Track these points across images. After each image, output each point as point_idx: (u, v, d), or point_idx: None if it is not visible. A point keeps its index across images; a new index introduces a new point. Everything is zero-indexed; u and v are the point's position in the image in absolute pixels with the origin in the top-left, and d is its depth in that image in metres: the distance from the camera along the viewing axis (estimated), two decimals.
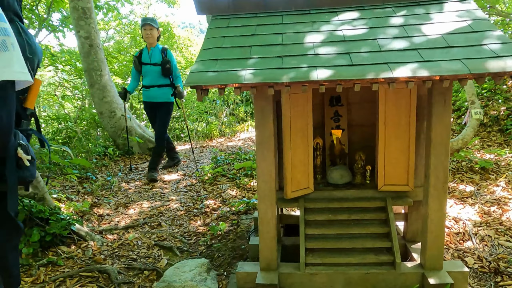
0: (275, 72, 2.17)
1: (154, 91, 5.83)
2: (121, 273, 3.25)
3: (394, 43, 2.33)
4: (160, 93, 5.83)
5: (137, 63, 5.80)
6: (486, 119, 6.23)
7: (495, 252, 3.11)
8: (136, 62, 5.80)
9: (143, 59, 5.81)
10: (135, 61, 5.81)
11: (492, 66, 2.02)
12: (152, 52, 5.78)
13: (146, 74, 5.83)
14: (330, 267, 2.68)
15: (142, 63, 5.82)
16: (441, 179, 2.47)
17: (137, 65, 5.81)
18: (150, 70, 5.78)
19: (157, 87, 5.81)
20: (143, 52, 5.86)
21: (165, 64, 5.65)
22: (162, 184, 5.89)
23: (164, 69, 5.66)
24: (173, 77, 5.83)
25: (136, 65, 5.81)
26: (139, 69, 5.83)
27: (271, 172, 2.54)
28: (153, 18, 5.86)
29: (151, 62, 5.75)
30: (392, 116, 2.73)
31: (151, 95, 5.87)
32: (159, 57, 5.74)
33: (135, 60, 5.81)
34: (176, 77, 5.86)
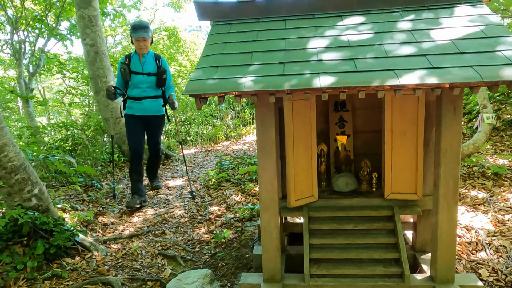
0: (276, 79, 2.10)
1: (147, 104, 5.07)
2: (125, 284, 3.19)
3: (401, 49, 2.24)
4: (154, 106, 5.14)
5: (126, 71, 4.94)
6: (499, 123, 6.08)
7: (511, 264, 2.99)
8: (126, 70, 4.94)
9: (134, 67, 4.99)
10: (124, 69, 4.93)
11: (507, 74, 1.92)
12: (145, 60, 5.02)
13: (137, 84, 5.00)
14: (336, 279, 2.58)
15: (132, 72, 4.98)
16: (451, 189, 2.37)
17: (126, 74, 4.95)
18: (142, 80, 4.99)
19: (151, 99, 5.08)
20: (133, 59, 5.01)
21: (162, 75, 5.03)
22: (166, 190, 5.84)
23: (160, 79, 5.05)
24: (166, 87, 5.22)
25: (126, 73, 4.94)
26: (128, 78, 4.97)
27: (273, 181, 2.46)
28: (147, 24, 5.05)
29: (144, 72, 4.99)
30: (398, 123, 2.63)
31: (144, 108, 5.07)
32: (154, 66, 5.03)
33: (124, 68, 4.93)
34: (169, 86, 5.23)
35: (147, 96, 5.05)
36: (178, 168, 7.28)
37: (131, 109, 5.08)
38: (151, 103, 5.09)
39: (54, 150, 5.98)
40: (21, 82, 8.67)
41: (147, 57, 5.03)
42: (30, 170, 3.51)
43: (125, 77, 4.95)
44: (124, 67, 4.95)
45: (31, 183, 3.48)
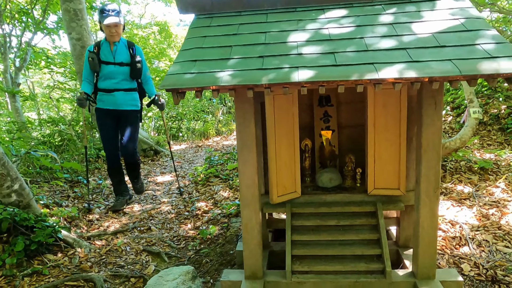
0: (254, 73, 2.06)
1: (119, 97, 4.50)
2: (107, 281, 3.15)
3: (382, 43, 2.21)
4: (127, 99, 4.55)
5: (95, 61, 4.37)
6: (486, 117, 6.09)
7: (492, 258, 2.99)
8: (95, 59, 4.37)
9: (104, 56, 4.42)
10: (93, 59, 4.36)
11: (485, 68, 1.90)
12: (117, 49, 4.44)
13: (108, 75, 4.46)
14: (318, 276, 2.57)
15: (102, 62, 4.43)
16: (432, 185, 2.35)
17: (95, 64, 4.38)
18: (114, 71, 4.44)
19: (123, 92, 4.51)
20: (103, 47, 4.44)
21: (136, 64, 4.45)
22: (154, 186, 5.80)
23: (134, 70, 4.47)
24: (143, 78, 4.66)
25: (94, 63, 4.38)
26: (97, 68, 4.42)
27: (254, 177, 2.43)
28: (117, 8, 4.43)
29: (116, 61, 4.43)
30: (381, 118, 2.61)
31: (115, 102, 4.51)
32: (127, 55, 4.45)
33: (93, 58, 4.36)
34: (146, 79, 4.67)
35: (119, 88, 4.49)
36: (167, 164, 7.24)
37: (102, 102, 4.56)
38: (124, 96, 4.53)
39: (40, 146, 5.88)
40: (7, 76, 8.54)
41: (118, 45, 4.46)
42: (9, 166, 3.45)
43: (93, 67, 4.40)
44: (92, 56, 4.37)
45: (11, 179, 3.42)
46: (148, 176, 6.38)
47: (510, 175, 4.55)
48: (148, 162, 7.20)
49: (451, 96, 7.12)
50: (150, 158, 7.43)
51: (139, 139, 7.42)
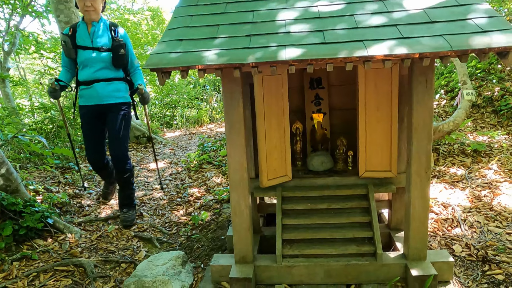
0: (241, 52, 2.00)
1: (100, 89, 3.68)
2: (98, 267, 3.12)
3: (372, 19, 2.15)
4: (110, 91, 3.72)
5: (69, 45, 3.59)
6: (480, 100, 6.06)
7: (483, 239, 2.98)
8: (69, 44, 3.59)
9: (80, 40, 3.64)
10: (67, 43, 3.59)
11: (476, 42, 1.85)
12: (95, 30, 3.66)
13: (86, 63, 3.65)
14: (309, 259, 2.55)
15: (79, 47, 3.64)
16: (424, 165, 2.32)
17: (69, 49, 3.61)
18: (92, 57, 3.63)
19: (105, 82, 3.69)
20: (80, 29, 3.66)
21: (118, 49, 3.63)
22: (147, 172, 5.75)
23: (117, 56, 3.65)
24: (130, 68, 3.84)
25: (69, 48, 3.60)
26: (73, 55, 3.64)
27: (242, 160, 2.39)
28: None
29: (94, 46, 3.63)
30: (372, 99, 2.57)
31: (96, 95, 3.70)
32: (108, 38, 3.67)
33: (67, 41, 3.59)
34: (134, 68, 3.84)
35: (99, 79, 3.67)
36: (160, 150, 7.18)
37: (82, 98, 3.78)
38: (105, 87, 3.70)
39: (30, 132, 5.80)
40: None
41: (97, 26, 3.68)
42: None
43: (68, 53, 3.62)
44: (65, 39, 3.60)
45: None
46: (141, 163, 6.33)
47: (503, 156, 4.54)
48: (141, 149, 7.14)
49: (445, 79, 7.07)
50: (143, 145, 7.37)
51: (132, 125, 7.33)
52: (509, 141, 5.04)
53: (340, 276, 2.51)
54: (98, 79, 3.68)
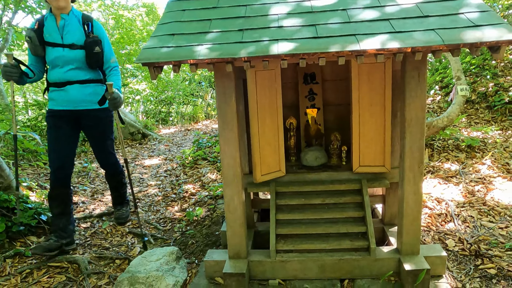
0: (233, 46, 1.99)
1: (74, 92, 3.18)
2: (92, 263, 3.11)
3: (364, 14, 2.15)
4: (87, 95, 3.22)
5: (35, 41, 3.07)
6: (474, 95, 6.08)
7: (476, 233, 3.00)
8: (35, 40, 3.07)
9: (48, 35, 3.12)
10: (32, 39, 3.06)
11: (468, 37, 1.85)
12: (66, 24, 3.13)
13: (56, 62, 3.15)
14: (302, 254, 2.55)
15: (47, 43, 3.13)
16: (417, 160, 2.32)
17: (36, 47, 3.09)
18: (62, 56, 3.12)
19: (80, 85, 3.20)
20: (47, 23, 3.13)
21: (93, 47, 3.13)
22: (142, 169, 5.74)
23: (91, 54, 3.14)
24: (106, 67, 3.30)
25: (35, 45, 3.08)
26: (42, 53, 3.13)
27: (235, 155, 2.38)
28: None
29: (65, 43, 3.12)
30: (366, 93, 2.56)
31: (69, 99, 3.19)
32: (80, 34, 3.15)
33: (32, 37, 3.06)
34: (110, 68, 3.28)
35: (72, 80, 3.17)
36: (155, 147, 7.16)
37: (52, 101, 3.23)
38: (80, 91, 3.20)
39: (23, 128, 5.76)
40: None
41: (68, 19, 3.15)
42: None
43: (35, 51, 3.10)
44: (30, 35, 3.06)
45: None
46: (136, 159, 6.31)
47: (496, 151, 4.56)
48: (136, 145, 7.12)
49: (440, 75, 7.09)
50: (138, 141, 7.35)
51: (127, 122, 7.30)
52: (503, 136, 5.07)
53: (334, 271, 2.51)
54: (71, 81, 3.16)
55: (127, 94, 10.46)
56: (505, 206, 3.35)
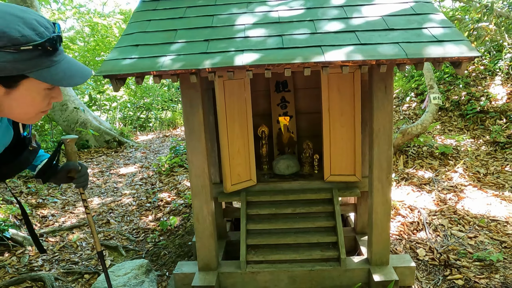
0: (198, 57, 1.96)
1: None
2: (59, 279, 3.00)
3: (331, 25, 2.15)
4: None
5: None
6: (448, 103, 6.19)
7: (446, 243, 3.02)
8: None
9: None
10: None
11: (431, 52, 1.87)
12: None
13: None
14: (273, 265, 2.52)
15: None
16: (385, 170, 2.33)
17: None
18: None
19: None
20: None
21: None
22: (116, 178, 5.62)
23: None
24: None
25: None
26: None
27: (203, 166, 2.34)
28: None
29: None
30: (336, 103, 2.57)
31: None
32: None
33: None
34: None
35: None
36: (131, 155, 7.04)
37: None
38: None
39: None
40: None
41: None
42: None
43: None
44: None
45: None
46: (111, 168, 6.19)
47: (468, 160, 4.63)
48: (111, 153, 6.98)
49: (415, 82, 7.20)
50: (114, 149, 7.21)
51: (102, 130, 7.19)
52: (474, 145, 5.16)
53: (304, 282, 2.49)
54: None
55: (104, 101, 10.29)
56: (474, 216, 3.40)
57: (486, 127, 5.48)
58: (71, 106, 6.72)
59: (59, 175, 1.64)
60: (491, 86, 6.08)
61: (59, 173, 1.64)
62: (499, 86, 5.99)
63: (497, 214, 3.43)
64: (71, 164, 1.65)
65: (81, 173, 1.74)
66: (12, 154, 1.30)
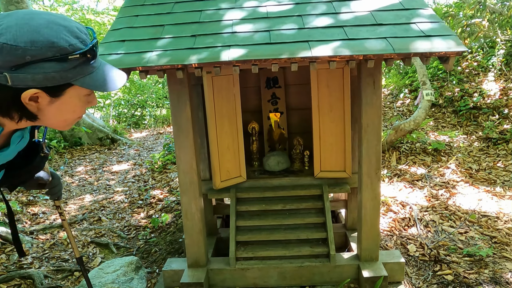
0: (184, 52, 1.94)
1: None
2: (48, 277, 2.98)
3: (319, 20, 2.14)
4: None
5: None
6: (441, 100, 6.19)
7: (437, 238, 3.02)
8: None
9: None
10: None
11: (418, 47, 1.86)
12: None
13: None
14: (263, 261, 2.51)
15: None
16: (374, 166, 2.32)
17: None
18: None
19: None
20: None
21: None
22: (109, 175, 5.60)
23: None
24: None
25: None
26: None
27: (191, 162, 2.33)
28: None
29: None
30: (326, 99, 2.56)
31: None
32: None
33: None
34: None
35: None
36: (125, 152, 7.01)
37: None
38: None
39: None
40: None
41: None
42: None
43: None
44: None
45: None
46: (104, 165, 6.16)
47: (460, 156, 4.64)
48: (104, 151, 6.95)
49: (409, 79, 7.20)
50: (107, 146, 7.17)
51: (95, 128, 7.15)
52: (467, 141, 5.17)
53: (294, 278, 2.49)
54: None
55: (98, 99, 10.24)
56: (465, 211, 3.40)
57: (479, 123, 5.49)
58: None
59: (29, 183, 1.52)
60: (484, 82, 6.09)
61: (28, 181, 1.51)
62: (492, 82, 6.00)
63: (488, 209, 3.44)
64: (42, 175, 1.53)
65: (53, 183, 1.64)
66: (24, 160, 1.24)
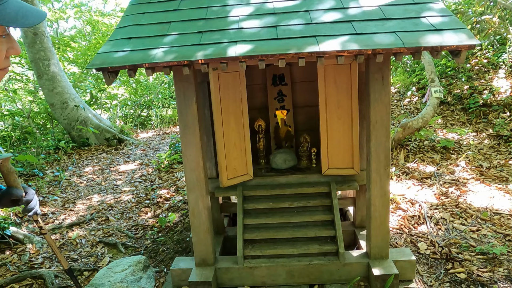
0: (190, 49, 1.93)
1: None
2: (59, 276, 2.99)
3: (327, 15, 2.11)
4: None
5: None
6: (450, 97, 6.12)
7: (448, 236, 2.98)
8: None
9: None
10: None
11: (428, 40, 1.83)
12: None
13: None
14: (271, 260, 2.49)
15: None
16: (383, 162, 2.29)
17: None
18: None
19: None
20: None
21: None
22: (116, 175, 5.61)
23: None
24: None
25: None
26: None
27: (198, 160, 2.31)
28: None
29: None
30: (333, 96, 2.53)
31: None
32: None
33: None
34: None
35: None
36: (131, 152, 7.02)
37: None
38: None
39: None
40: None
41: None
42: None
43: None
44: None
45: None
46: (111, 165, 6.18)
47: (470, 153, 4.58)
48: (111, 151, 6.97)
49: (417, 76, 7.14)
50: (114, 147, 7.19)
51: (102, 128, 7.17)
52: (477, 138, 5.10)
53: (302, 276, 2.47)
54: None
55: (104, 100, 10.28)
56: (477, 209, 3.35)
57: (489, 121, 5.41)
58: (71, 104, 6.70)
59: (1, 201, 1.47)
60: (494, 80, 6.01)
61: (1, 199, 1.46)
62: (503, 79, 5.92)
63: (500, 207, 3.39)
64: (14, 191, 1.47)
65: (27, 199, 1.57)
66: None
